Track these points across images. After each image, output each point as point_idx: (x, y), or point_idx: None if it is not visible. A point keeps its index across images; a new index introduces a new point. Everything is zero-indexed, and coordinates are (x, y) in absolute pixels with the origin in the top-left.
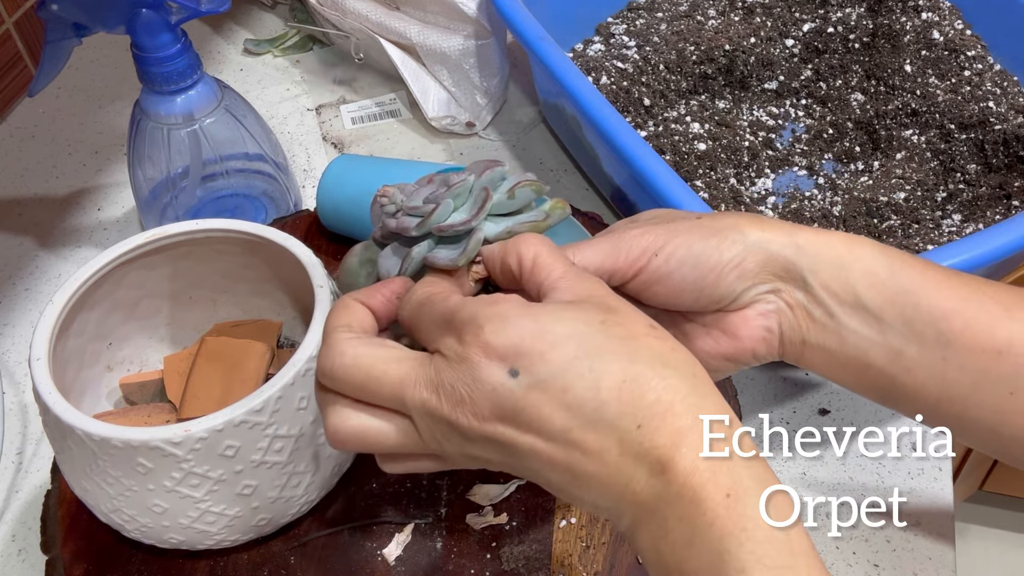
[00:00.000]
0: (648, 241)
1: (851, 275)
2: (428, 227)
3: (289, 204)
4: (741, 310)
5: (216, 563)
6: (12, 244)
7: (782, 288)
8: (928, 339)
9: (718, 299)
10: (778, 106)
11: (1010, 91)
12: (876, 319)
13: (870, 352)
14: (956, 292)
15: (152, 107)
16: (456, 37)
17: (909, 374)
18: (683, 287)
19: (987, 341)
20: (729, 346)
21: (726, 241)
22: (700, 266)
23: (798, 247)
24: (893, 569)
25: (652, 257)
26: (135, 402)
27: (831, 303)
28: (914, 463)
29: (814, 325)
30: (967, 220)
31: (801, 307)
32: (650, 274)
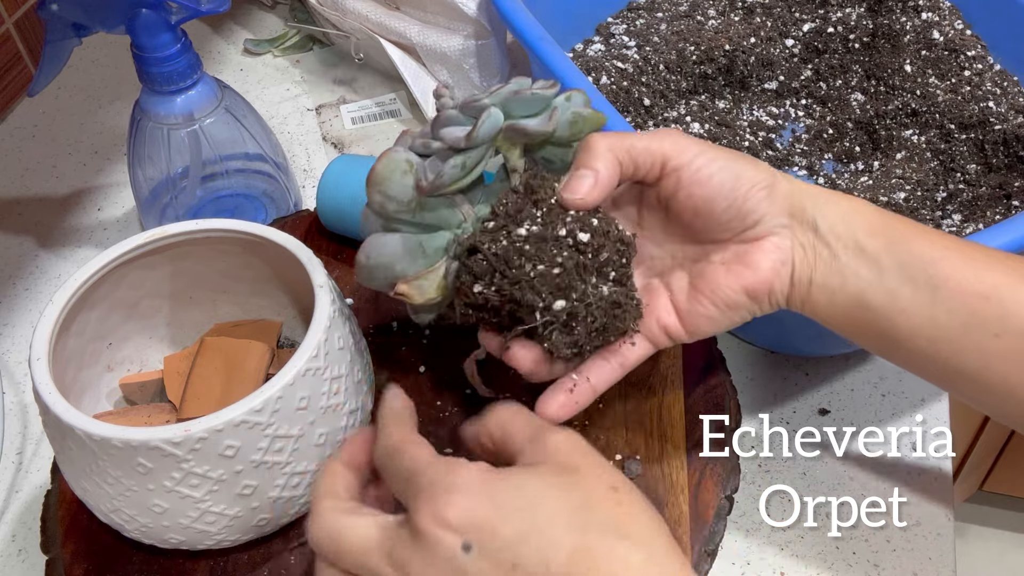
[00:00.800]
0: (691, 143)
1: (853, 222)
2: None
3: (289, 204)
4: (758, 241)
5: (216, 563)
6: (12, 244)
7: (796, 227)
8: (920, 282)
9: (745, 214)
10: (778, 106)
11: (1010, 91)
12: (874, 262)
13: (868, 292)
14: (944, 244)
15: (152, 107)
16: (456, 37)
17: (903, 315)
18: (719, 193)
19: (974, 285)
20: (751, 278)
21: (758, 166)
22: (736, 176)
23: (811, 195)
24: (893, 569)
25: (695, 156)
26: (135, 402)
27: (836, 245)
28: (914, 463)
29: (821, 264)
30: (967, 220)
31: (811, 247)
32: (692, 172)
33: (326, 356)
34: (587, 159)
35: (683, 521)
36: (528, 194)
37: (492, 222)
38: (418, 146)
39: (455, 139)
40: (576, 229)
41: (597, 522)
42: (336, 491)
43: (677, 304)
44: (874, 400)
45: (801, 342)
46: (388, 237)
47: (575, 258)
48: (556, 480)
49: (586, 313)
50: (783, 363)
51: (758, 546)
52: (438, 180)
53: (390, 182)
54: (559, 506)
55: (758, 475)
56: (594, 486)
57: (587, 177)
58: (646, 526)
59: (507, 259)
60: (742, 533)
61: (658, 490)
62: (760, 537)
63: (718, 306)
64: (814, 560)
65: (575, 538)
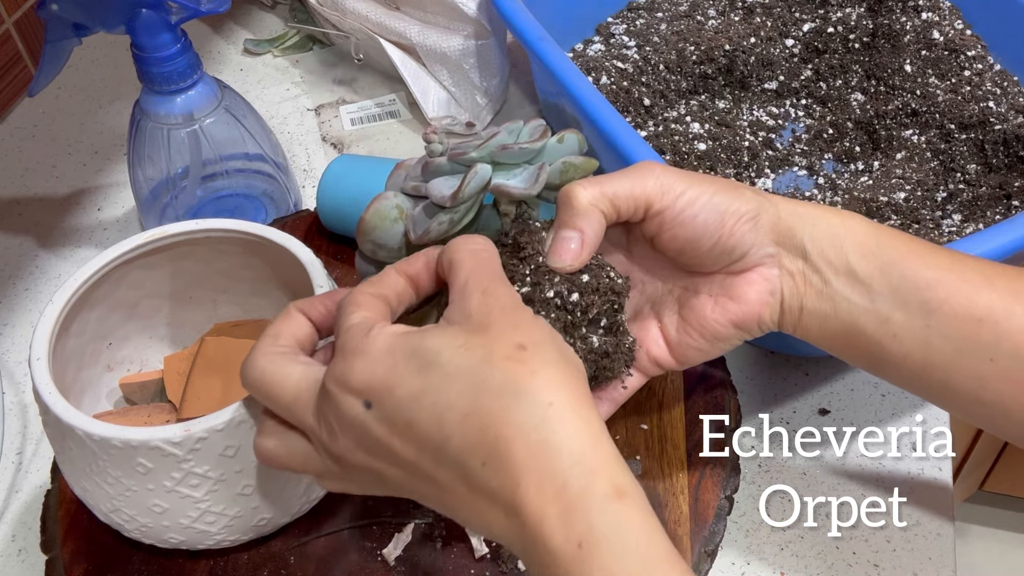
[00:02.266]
0: (674, 181)
1: (844, 245)
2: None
3: (289, 204)
4: (745, 273)
5: (216, 563)
6: (12, 244)
7: (784, 255)
8: (912, 307)
9: (731, 249)
10: (778, 106)
11: (1010, 91)
12: (866, 287)
13: (860, 319)
14: (938, 263)
15: (152, 107)
16: (456, 37)
17: (895, 340)
18: (703, 232)
19: (968, 309)
20: (737, 311)
21: (743, 196)
22: (720, 213)
23: (799, 216)
24: (893, 569)
25: (678, 196)
26: (135, 402)
27: (827, 271)
28: (914, 463)
29: (811, 291)
30: (967, 220)
31: (800, 274)
32: (675, 213)
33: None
34: (570, 218)
35: (683, 521)
36: (515, 251)
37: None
38: (409, 188)
39: (441, 198)
40: (564, 290)
41: (493, 381)
42: (279, 333)
43: (667, 336)
44: (874, 400)
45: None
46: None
47: (563, 319)
48: (460, 340)
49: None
50: (783, 363)
51: (758, 546)
52: (425, 236)
53: (380, 231)
54: (456, 366)
55: (758, 475)
56: (500, 344)
57: (572, 241)
58: (549, 384)
59: None
60: (742, 533)
61: (658, 490)
62: (760, 537)
63: (707, 339)
64: (814, 560)
65: (469, 400)
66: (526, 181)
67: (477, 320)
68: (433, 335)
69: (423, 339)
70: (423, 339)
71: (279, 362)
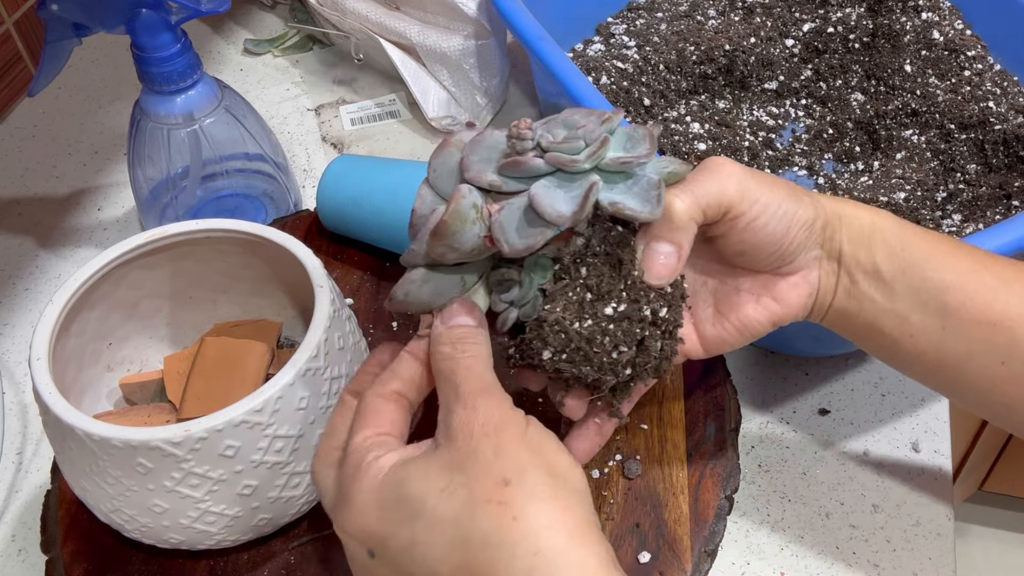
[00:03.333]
0: (751, 185)
1: (873, 245)
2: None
3: (289, 204)
4: (790, 276)
5: (216, 563)
6: (12, 244)
7: (824, 258)
8: (930, 308)
9: (788, 255)
10: (778, 106)
11: (1010, 91)
12: (888, 287)
13: (881, 318)
14: (959, 266)
15: (152, 107)
16: (456, 37)
17: (911, 340)
18: (770, 239)
19: (983, 313)
20: (778, 311)
21: (803, 202)
22: (788, 222)
23: (839, 216)
24: (893, 569)
25: (754, 203)
26: (135, 402)
27: (856, 271)
28: (914, 463)
29: (841, 291)
30: (967, 220)
31: (834, 275)
32: (749, 220)
33: (326, 356)
34: (668, 232)
35: (683, 521)
36: (613, 263)
37: (572, 290)
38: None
39: (558, 216)
40: (658, 307)
41: (478, 532)
42: (333, 429)
43: (699, 328)
44: (874, 400)
45: (801, 342)
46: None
47: (654, 335)
48: (442, 481)
49: (642, 374)
50: (783, 363)
51: (758, 546)
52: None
53: (460, 235)
54: (441, 516)
55: (758, 475)
56: (482, 484)
57: (672, 256)
58: (534, 529)
59: (591, 340)
60: (742, 533)
61: (658, 490)
62: (760, 537)
63: (743, 334)
64: (814, 560)
65: (457, 554)
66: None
67: (459, 446)
68: (417, 477)
69: (407, 483)
70: (407, 483)
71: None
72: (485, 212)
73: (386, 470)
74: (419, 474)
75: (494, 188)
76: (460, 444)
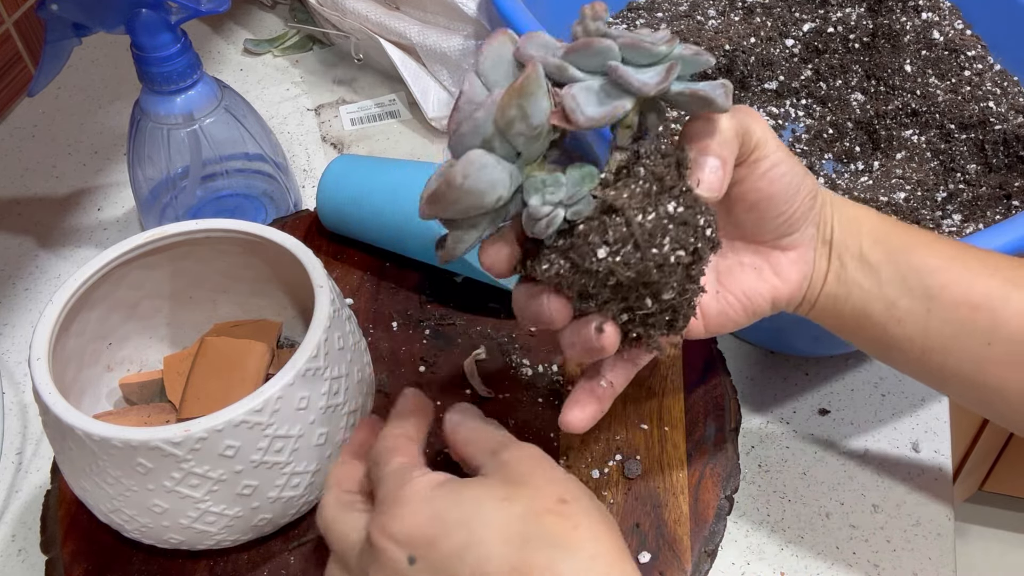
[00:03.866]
0: (770, 136)
1: (860, 231)
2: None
3: (289, 204)
4: (790, 251)
5: (216, 563)
6: (12, 244)
7: (819, 240)
8: (916, 292)
9: (794, 221)
10: (778, 106)
11: (1010, 91)
12: (876, 272)
13: (869, 304)
14: (942, 252)
15: (152, 107)
16: (456, 37)
17: (899, 324)
18: (783, 194)
19: (967, 295)
20: (779, 287)
21: (809, 174)
22: (800, 181)
23: (830, 205)
24: (893, 569)
25: (775, 150)
26: (135, 402)
27: (845, 256)
28: (914, 463)
29: (831, 276)
30: (967, 220)
31: (825, 258)
32: (769, 165)
33: (326, 356)
34: (717, 145)
35: (683, 521)
36: (674, 166)
37: (635, 182)
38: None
39: (643, 85)
40: (710, 221)
41: (537, 535)
42: (341, 480)
43: (702, 305)
44: (874, 400)
45: (801, 342)
46: (489, 159)
47: (705, 252)
48: (501, 492)
49: (682, 311)
50: (783, 363)
51: (758, 546)
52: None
53: (534, 99)
54: (499, 519)
55: (758, 475)
56: (540, 497)
57: (718, 170)
58: (591, 538)
59: (653, 235)
60: (742, 533)
61: (658, 490)
62: (760, 537)
63: (746, 309)
64: (814, 560)
65: (513, 553)
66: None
67: (515, 471)
68: (475, 486)
69: (465, 489)
70: (465, 489)
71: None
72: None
73: (439, 482)
74: (478, 485)
75: (561, 73)
76: (514, 469)
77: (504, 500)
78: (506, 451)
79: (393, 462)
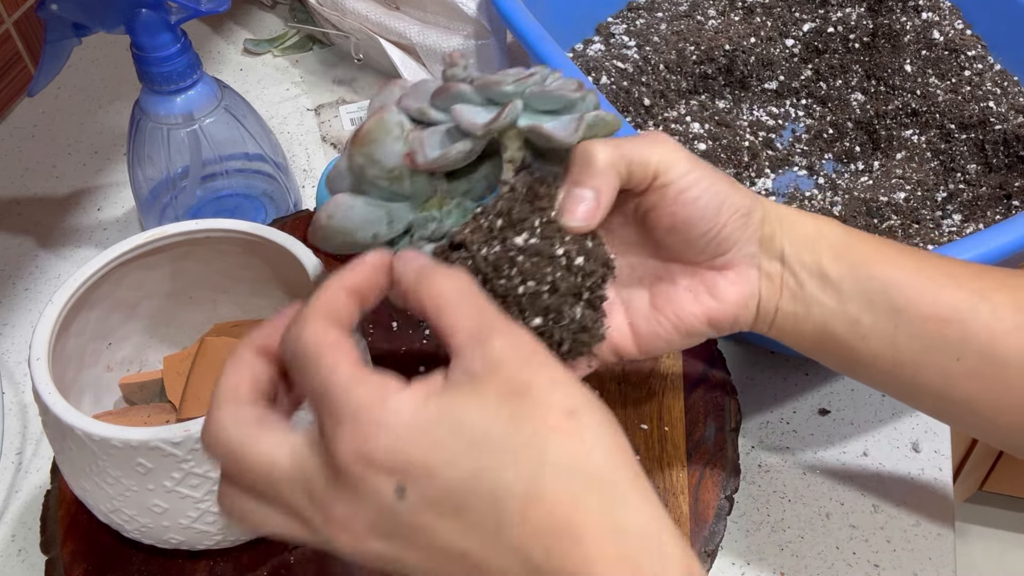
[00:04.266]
0: (681, 158)
1: (818, 247)
2: (523, 88)
3: (289, 204)
4: (726, 270)
5: (216, 563)
6: (12, 244)
7: (763, 257)
8: (880, 308)
9: (721, 241)
10: (778, 106)
11: (1010, 91)
12: (836, 289)
13: (831, 321)
14: (904, 264)
15: (152, 107)
16: (456, 37)
17: (864, 342)
18: (701, 216)
19: (934, 308)
20: (715, 308)
21: (740, 191)
22: (719, 202)
23: (780, 220)
24: (893, 569)
25: (684, 174)
26: (135, 402)
27: (802, 273)
28: (914, 463)
29: (787, 293)
30: (967, 220)
31: (778, 276)
32: (679, 190)
33: None
34: (588, 177)
35: (683, 521)
36: (531, 199)
37: (484, 218)
38: (414, 110)
39: (472, 124)
40: (573, 251)
41: (552, 460)
42: (239, 391)
43: (634, 324)
44: (874, 400)
45: None
46: (357, 200)
47: (568, 281)
48: (503, 410)
49: (556, 334)
50: (783, 363)
51: (758, 546)
52: (441, 160)
53: (379, 145)
54: (507, 444)
55: (758, 475)
56: (547, 413)
57: (589, 201)
58: (608, 457)
59: (498, 267)
60: (742, 533)
61: (658, 490)
62: (760, 537)
63: (679, 331)
64: (814, 560)
65: (527, 483)
66: (566, 128)
67: (513, 375)
68: (471, 406)
69: (462, 409)
70: (462, 409)
71: (251, 432)
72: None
73: (422, 397)
74: (475, 404)
75: (422, 115)
76: (511, 373)
77: (507, 421)
78: (495, 339)
79: (339, 366)
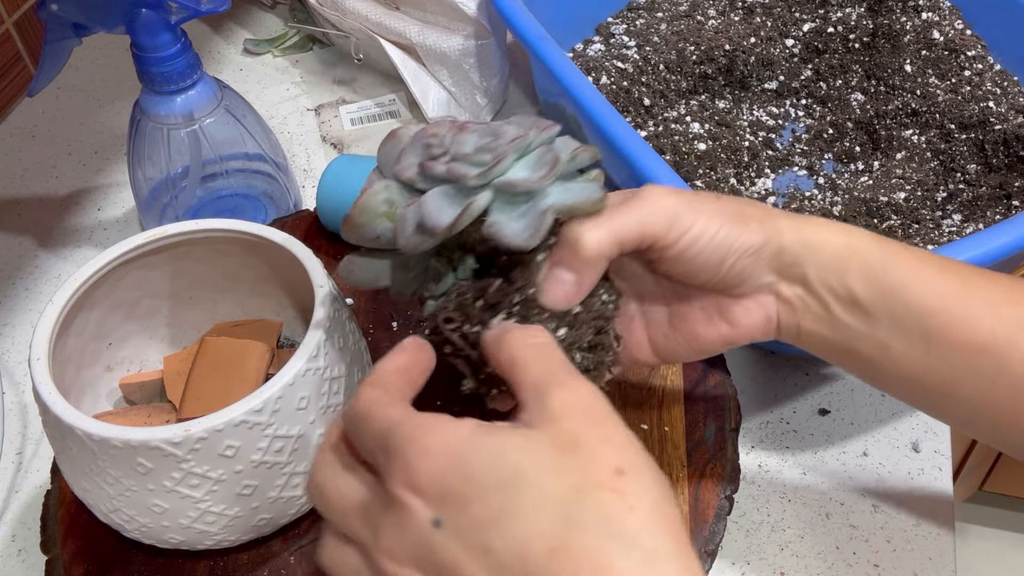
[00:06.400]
0: (683, 212)
1: (848, 269)
2: (490, 179)
3: (289, 204)
4: (742, 298)
5: (216, 563)
6: (12, 244)
7: (781, 283)
8: (913, 334)
9: (730, 281)
10: (778, 106)
11: (1010, 91)
12: (866, 314)
13: (859, 343)
14: (944, 289)
15: (152, 107)
16: (456, 37)
17: (894, 364)
18: (704, 268)
19: (970, 337)
20: (730, 332)
21: (748, 228)
22: (724, 251)
23: (804, 244)
24: (893, 569)
25: (684, 232)
26: (135, 402)
27: (828, 297)
28: (914, 463)
29: (809, 315)
30: (967, 220)
31: (799, 299)
32: (678, 251)
33: (326, 356)
34: (572, 261)
35: (683, 521)
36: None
37: (468, 295)
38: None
39: (433, 226)
40: (553, 326)
41: (588, 516)
42: (337, 444)
43: (653, 339)
44: (874, 400)
45: None
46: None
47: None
48: (550, 457)
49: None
50: (783, 363)
51: (758, 546)
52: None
53: (368, 227)
54: (547, 490)
55: (758, 475)
56: (595, 468)
57: (569, 285)
58: (649, 521)
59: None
60: (742, 533)
61: None
62: (760, 537)
63: (694, 350)
64: (814, 560)
65: (559, 533)
66: (526, 228)
67: (566, 428)
68: (516, 447)
69: (507, 446)
70: (507, 446)
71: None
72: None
73: (472, 429)
74: (521, 445)
75: (414, 185)
76: (565, 426)
77: (552, 469)
78: (555, 393)
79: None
